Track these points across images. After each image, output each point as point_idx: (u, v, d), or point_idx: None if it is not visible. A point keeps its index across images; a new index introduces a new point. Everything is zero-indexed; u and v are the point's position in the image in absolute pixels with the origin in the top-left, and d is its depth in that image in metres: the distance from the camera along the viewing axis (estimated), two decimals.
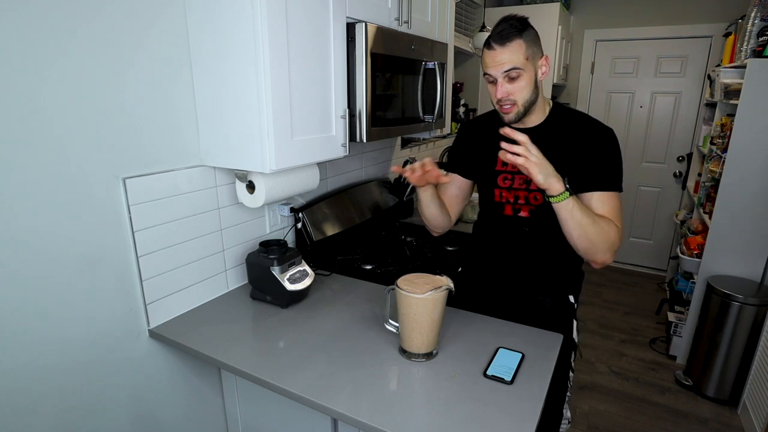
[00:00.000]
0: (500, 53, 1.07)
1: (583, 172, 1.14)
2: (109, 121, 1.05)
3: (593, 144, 1.14)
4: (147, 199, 1.15)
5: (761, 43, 2.17)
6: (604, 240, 1.09)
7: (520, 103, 1.11)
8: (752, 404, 2.05)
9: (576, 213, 1.05)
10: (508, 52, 1.07)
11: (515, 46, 1.07)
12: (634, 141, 3.81)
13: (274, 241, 1.38)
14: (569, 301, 1.32)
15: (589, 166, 1.14)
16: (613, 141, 1.15)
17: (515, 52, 1.07)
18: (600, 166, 1.14)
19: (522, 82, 1.09)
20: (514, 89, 1.10)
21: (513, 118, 1.13)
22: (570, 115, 1.20)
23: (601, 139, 1.15)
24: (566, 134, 1.16)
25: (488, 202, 1.30)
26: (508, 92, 1.10)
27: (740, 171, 2.23)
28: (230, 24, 1.08)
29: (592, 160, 1.14)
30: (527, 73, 1.09)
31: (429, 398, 0.95)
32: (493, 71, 1.09)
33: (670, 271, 3.55)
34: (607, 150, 1.14)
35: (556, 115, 1.20)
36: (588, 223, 1.06)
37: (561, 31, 3.32)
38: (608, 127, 1.17)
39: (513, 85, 1.09)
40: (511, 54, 1.07)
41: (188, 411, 1.37)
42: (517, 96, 1.10)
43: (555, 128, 1.18)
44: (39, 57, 0.91)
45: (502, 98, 1.11)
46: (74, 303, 1.04)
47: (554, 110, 1.20)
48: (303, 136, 1.20)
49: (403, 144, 2.41)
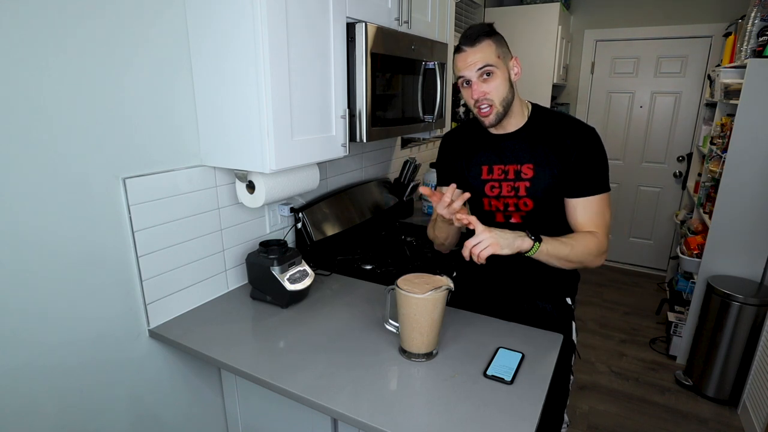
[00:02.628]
0: (471, 53, 1.08)
1: (566, 178, 1.14)
2: (109, 121, 1.05)
3: (577, 146, 1.13)
4: (147, 199, 1.15)
5: (761, 43, 2.17)
6: (587, 255, 1.12)
7: (498, 102, 1.11)
8: (752, 404, 2.05)
9: (553, 253, 1.08)
10: (479, 51, 1.08)
11: (485, 45, 1.08)
12: (634, 141, 3.81)
13: (274, 241, 1.38)
14: (567, 303, 1.31)
15: (572, 171, 1.14)
16: (596, 141, 1.14)
17: (485, 50, 1.08)
18: (584, 171, 1.13)
19: (497, 80, 1.09)
20: (489, 88, 1.10)
21: (493, 120, 1.12)
22: (550, 117, 1.19)
23: (583, 141, 1.14)
24: (547, 137, 1.16)
25: (478, 212, 1.27)
26: (485, 92, 1.10)
27: (740, 171, 2.23)
28: (230, 24, 1.08)
29: (577, 165, 1.13)
30: (501, 71, 1.10)
31: (429, 398, 0.95)
32: (467, 72, 1.10)
33: (670, 271, 3.55)
34: (589, 153, 1.13)
35: (536, 118, 1.19)
36: (567, 253, 1.09)
37: (561, 31, 3.32)
38: (589, 126, 1.16)
39: (488, 84, 1.09)
40: (482, 53, 1.08)
41: (188, 411, 1.37)
42: (494, 95, 1.10)
43: (536, 131, 1.17)
44: (39, 57, 0.91)
45: (479, 98, 1.10)
46: (74, 303, 1.04)
47: (534, 113, 1.20)
48: (303, 136, 1.20)
49: (403, 144, 2.41)
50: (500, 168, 1.20)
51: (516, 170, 1.18)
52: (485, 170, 1.22)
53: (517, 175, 1.18)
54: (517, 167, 1.18)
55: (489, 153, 1.22)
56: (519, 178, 1.18)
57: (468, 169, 1.26)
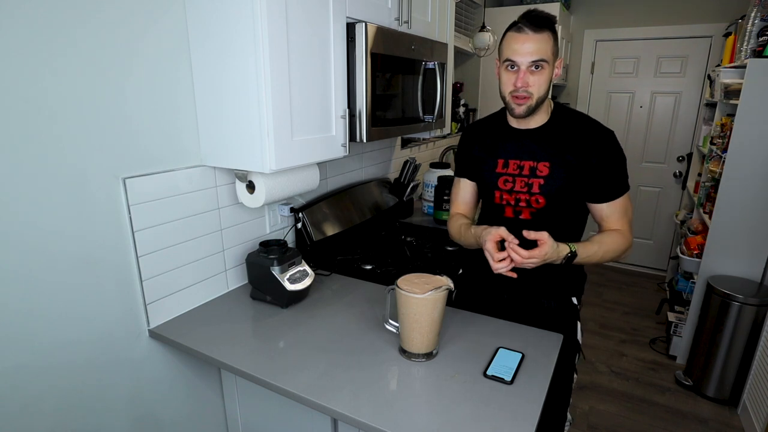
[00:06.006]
0: (532, 40, 1.03)
1: (587, 182, 1.16)
2: (109, 121, 1.05)
3: (596, 151, 1.14)
4: (147, 199, 1.15)
5: (761, 43, 2.17)
6: (618, 253, 1.16)
7: (535, 96, 1.09)
8: (752, 404, 2.05)
9: (586, 257, 1.12)
10: (541, 41, 1.03)
11: (546, 36, 1.04)
12: (634, 141, 3.81)
13: (274, 241, 1.38)
14: (572, 303, 1.31)
15: (594, 176, 1.15)
16: (615, 145, 1.16)
17: (546, 42, 1.04)
18: (607, 177, 1.15)
19: (543, 76, 1.07)
20: (534, 81, 1.07)
21: (524, 111, 1.11)
22: (572, 117, 1.20)
23: (603, 145, 1.15)
24: (569, 136, 1.16)
25: (489, 204, 1.29)
26: (528, 83, 1.07)
27: (740, 171, 2.23)
28: (230, 24, 1.08)
29: (598, 171, 1.14)
30: (549, 68, 1.07)
31: (429, 398, 0.95)
32: (521, 58, 1.05)
33: (670, 271, 3.55)
34: (611, 157, 1.15)
35: (558, 116, 1.20)
36: (601, 254, 1.14)
37: (561, 31, 3.32)
38: (609, 129, 1.17)
39: (535, 77, 1.07)
40: (542, 43, 1.04)
41: (188, 411, 1.37)
42: (534, 89, 1.08)
43: (558, 129, 1.18)
44: (39, 58, 0.91)
45: (520, 87, 1.07)
46: (74, 303, 1.04)
47: (556, 111, 1.20)
48: (303, 136, 1.20)
49: (403, 144, 2.41)
50: (516, 163, 1.21)
51: (531, 167, 1.19)
52: (501, 164, 1.23)
53: (532, 172, 1.18)
54: (533, 164, 1.18)
55: (507, 147, 1.22)
56: (534, 175, 1.18)
57: (484, 161, 1.26)
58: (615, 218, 1.18)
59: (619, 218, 1.18)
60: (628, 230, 1.18)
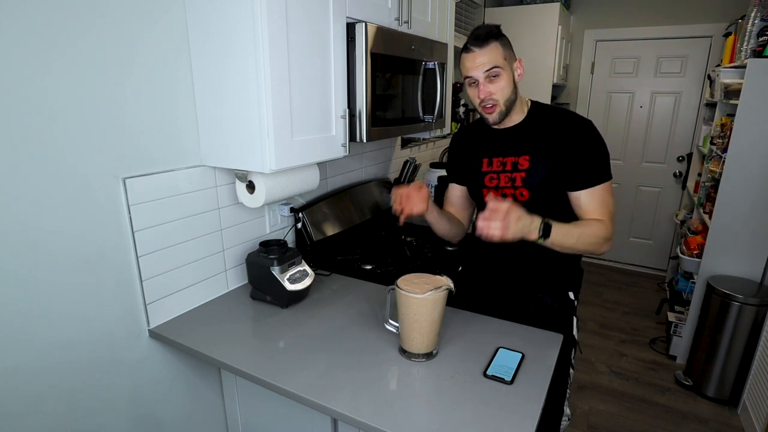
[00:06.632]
0: (480, 54, 1.12)
1: (567, 171, 1.17)
2: (109, 122, 1.05)
3: (573, 139, 1.17)
4: (147, 199, 1.15)
5: (761, 43, 2.17)
6: (595, 238, 1.14)
7: (502, 102, 1.16)
8: (752, 404, 2.05)
9: (560, 241, 1.09)
10: (487, 53, 1.12)
11: (493, 47, 1.12)
12: (634, 141, 3.81)
13: (274, 241, 1.38)
14: (569, 298, 1.32)
15: (572, 164, 1.16)
16: (593, 132, 1.17)
17: (493, 52, 1.12)
18: (583, 163, 1.16)
19: (502, 81, 1.14)
20: (495, 89, 1.14)
21: (496, 118, 1.18)
22: (548, 112, 1.24)
23: (580, 133, 1.17)
24: (546, 130, 1.20)
25: (479, 203, 1.33)
26: (490, 92, 1.15)
27: (740, 171, 2.23)
28: (230, 24, 1.08)
29: (575, 158, 1.16)
30: (506, 73, 1.14)
31: (429, 398, 0.95)
32: (475, 72, 1.14)
33: (670, 271, 3.55)
34: (587, 144, 1.16)
35: (535, 113, 1.24)
36: (574, 241, 1.11)
37: (561, 31, 3.32)
38: (586, 119, 1.20)
39: (494, 84, 1.14)
40: (490, 55, 1.12)
41: (188, 411, 1.37)
42: (498, 95, 1.15)
43: (535, 125, 1.22)
44: (39, 58, 0.91)
45: (485, 98, 1.15)
46: (74, 303, 1.04)
47: (533, 108, 1.25)
48: (303, 136, 1.20)
49: (403, 144, 2.41)
50: (499, 160, 1.25)
51: (513, 162, 1.23)
52: (485, 162, 1.28)
53: (514, 167, 1.23)
54: (515, 159, 1.23)
55: (490, 146, 1.27)
56: (516, 169, 1.22)
57: (471, 163, 1.31)
58: (593, 207, 1.17)
59: (598, 207, 1.17)
60: (608, 221, 1.17)
